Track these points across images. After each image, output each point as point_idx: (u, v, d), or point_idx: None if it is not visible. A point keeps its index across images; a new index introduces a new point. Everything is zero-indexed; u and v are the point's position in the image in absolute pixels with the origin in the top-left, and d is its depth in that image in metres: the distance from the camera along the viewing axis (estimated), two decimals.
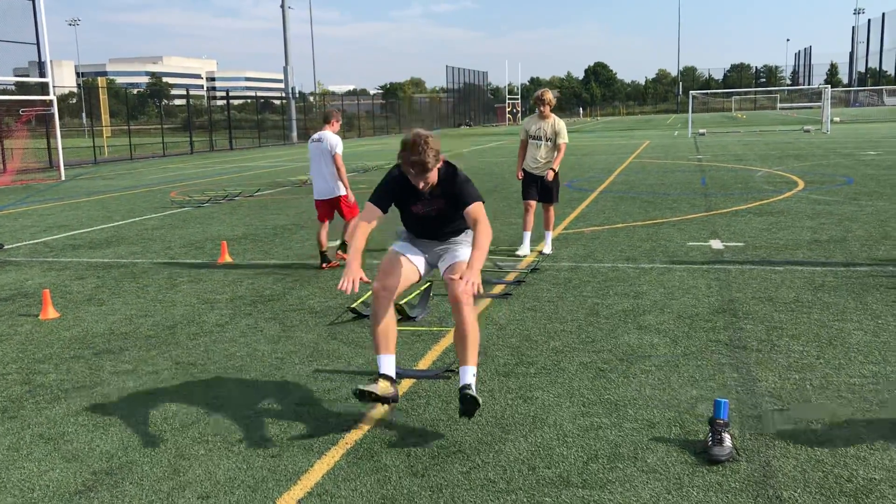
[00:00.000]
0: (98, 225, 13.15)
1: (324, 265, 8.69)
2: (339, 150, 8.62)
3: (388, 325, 4.32)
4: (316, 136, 8.79)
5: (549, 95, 8.76)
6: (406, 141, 4.15)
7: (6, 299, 7.78)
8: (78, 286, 8.25)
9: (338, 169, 8.59)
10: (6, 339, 6.36)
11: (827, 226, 10.36)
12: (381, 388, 4.21)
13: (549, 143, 8.78)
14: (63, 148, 26.08)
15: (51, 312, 6.99)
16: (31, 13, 25.58)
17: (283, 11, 53.69)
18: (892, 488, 3.44)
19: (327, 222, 8.84)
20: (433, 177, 4.24)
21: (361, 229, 4.31)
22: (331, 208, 8.83)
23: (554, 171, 8.80)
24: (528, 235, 9.05)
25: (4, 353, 5.95)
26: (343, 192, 8.72)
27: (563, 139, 8.78)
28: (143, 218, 13.90)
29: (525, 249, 8.97)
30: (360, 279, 4.03)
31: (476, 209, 4.25)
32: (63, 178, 24.48)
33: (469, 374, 4.18)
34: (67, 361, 5.69)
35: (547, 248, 9.03)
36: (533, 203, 8.98)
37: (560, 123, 8.80)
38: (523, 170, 9.03)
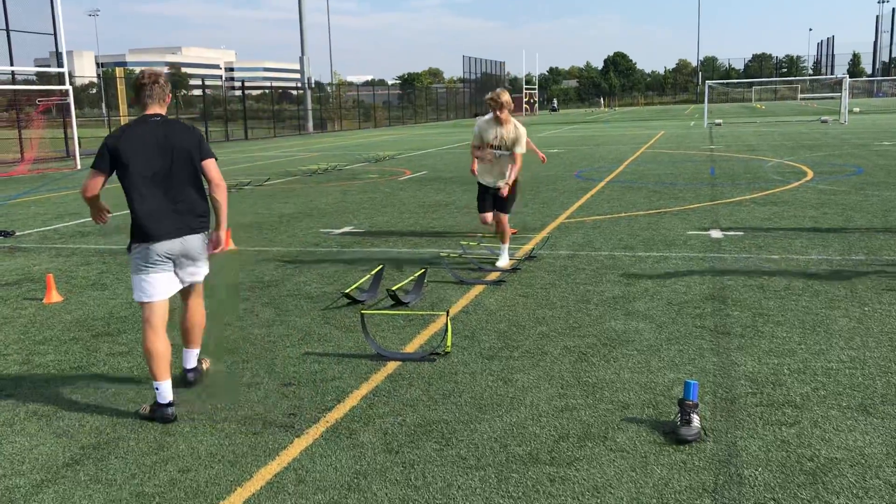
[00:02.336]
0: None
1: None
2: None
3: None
4: None
5: (506, 97, 7.66)
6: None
7: (13, 284, 7.96)
8: (83, 272, 8.43)
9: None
10: (10, 321, 6.54)
11: (829, 215, 10.35)
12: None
13: (507, 152, 7.74)
14: (80, 137, 26.37)
15: (54, 296, 7.17)
16: (48, 4, 25.88)
17: (300, 1, 53.86)
18: (851, 467, 3.51)
19: None
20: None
21: None
22: None
23: (508, 185, 7.76)
24: (505, 247, 8.00)
25: (7, 335, 6.13)
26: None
27: (521, 149, 7.71)
28: None
29: (504, 260, 7.90)
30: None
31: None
32: (79, 167, 24.77)
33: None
34: (66, 343, 5.85)
35: (502, 262, 7.86)
36: (489, 216, 8.01)
37: (520, 129, 7.71)
38: (478, 182, 8.09)
